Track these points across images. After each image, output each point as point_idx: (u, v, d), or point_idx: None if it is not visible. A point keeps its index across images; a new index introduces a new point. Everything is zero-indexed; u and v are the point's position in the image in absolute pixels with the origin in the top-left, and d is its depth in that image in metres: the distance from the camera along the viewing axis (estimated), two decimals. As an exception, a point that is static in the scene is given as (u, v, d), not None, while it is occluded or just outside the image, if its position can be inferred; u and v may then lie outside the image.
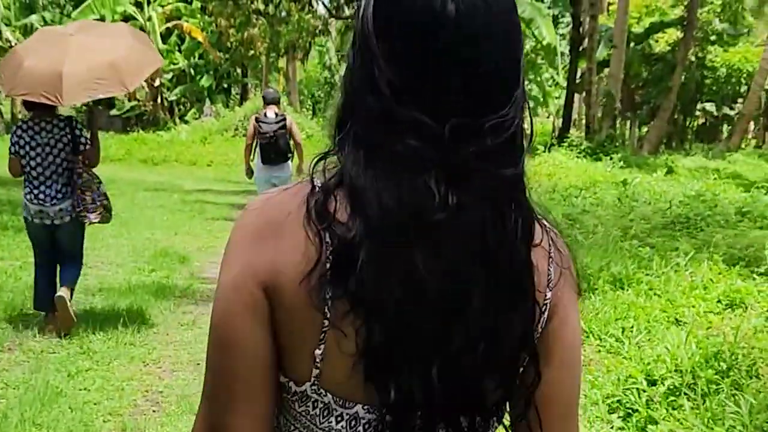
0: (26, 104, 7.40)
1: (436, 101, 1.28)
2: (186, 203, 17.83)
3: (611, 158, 24.68)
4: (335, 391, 1.37)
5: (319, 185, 1.35)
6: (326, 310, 1.30)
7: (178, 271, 10.54)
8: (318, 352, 1.33)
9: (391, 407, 1.32)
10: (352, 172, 1.31)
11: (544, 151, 26.13)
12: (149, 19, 37.79)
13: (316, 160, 1.39)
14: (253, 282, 1.34)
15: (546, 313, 1.41)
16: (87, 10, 35.58)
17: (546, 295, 1.41)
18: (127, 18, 37.60)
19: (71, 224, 7.38)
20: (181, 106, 43.09)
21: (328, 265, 1.29)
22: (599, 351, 6.88)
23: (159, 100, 38.64)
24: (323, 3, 35.08)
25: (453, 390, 1.32)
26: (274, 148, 11.44)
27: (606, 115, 32.02)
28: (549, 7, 37.89)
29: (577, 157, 25.70)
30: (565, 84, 38.05)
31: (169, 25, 39.22)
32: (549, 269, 1.42)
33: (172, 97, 41.37)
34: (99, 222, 7.54)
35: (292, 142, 11.64)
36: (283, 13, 36.46)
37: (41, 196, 7.20)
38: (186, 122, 38.46)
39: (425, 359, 1.30)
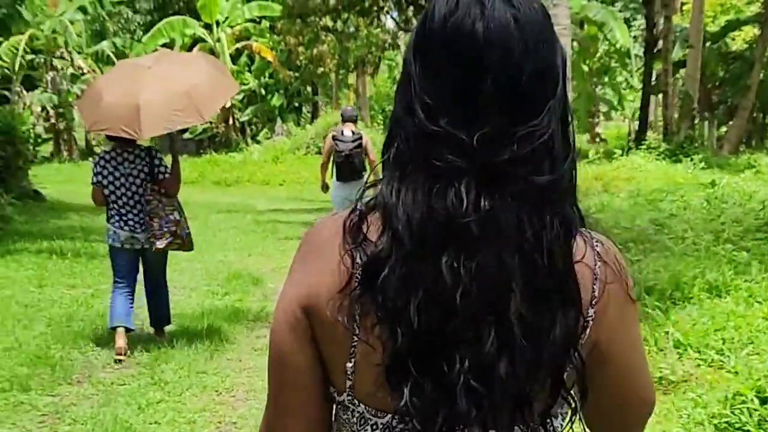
0: (108, 135, 7.64)
1: (468, 115, 1.31)
2: (259, 224, 17.62)
3: (692, 159, 23.97)
4: (367, 402, 1.43)
5: (359, 208, 1.41)
6: (355, 326, 1.37)
7: (251, 293, 10.28)
8: (349, 365, 1.42)
9: (411, 415, 1.33)
10: (385, 192, 1.35)
11: (622, 155, 25.60)
12: (218, 40, 37.89)
13: (365, 187, 1.46)
14: (296, 303, 1.44)
15: (589, 330, 1.42)
16: (157, 34, 35.96)
17: (588, 312, 1.41)
18: (196, 40, 37.89)
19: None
20: (253, 126, 43.17)
21: (357, 283, 1.35)
22: (699, 365, 6.40)
23: (231, 122, 38.69)
24: (392, 17, 34.84)
25: (483, 399, 1.31)
26: (349, 166, 11.50)
27: (684, 116, 31.17)
28: (620, 11, 37.27)
29: (656, 159, 25.10)
30: (639, 86, 37.33)
31: (239, 45, 39.30)
32: (593, 286, 1.42)
33: (244, 118, 41.45)
34: (169, 248, 7.54)
35: (367, 160, 11.60)
36: (352, 29, 36.42)
37: (131, 223, 7.41)
38: (258, 142, 38.48)
39: (449, 365, 1.30)
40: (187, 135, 38.63)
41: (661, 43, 31.45)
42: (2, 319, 8.59)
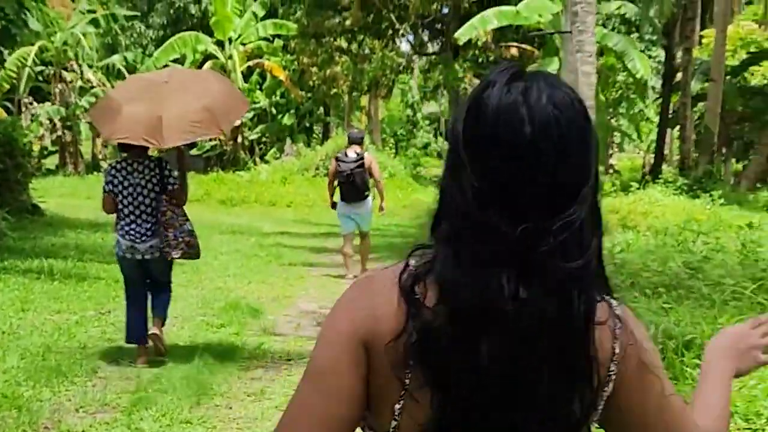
0: (121, 146, 7.84)
1: (511, 207, 1.45)
2: (263, 247, 16.79)
3: (711, 195, 23.35)
4: None
5: (413, 268, 1.54)
6: (406, 375, 1.49)
7: (248, 326, 9.52)
8: (397, 406, 1.52)
9: None
10: (441, 267, 1.49)
11: (639, 188, 25.01)
12: (230, 57, 37.33)
13: (413, 249, 1.60)
14: (356, 337, 1.53)
15: (611, 385, 1.57)
16: (169, 49, 35.47)
17: (610, 368, 1.56)
18: (208, 57, 37.39)
19: (160, 259, 7.70)
20: (262, 146, 42.48)
21: (413, 339, 1.47)
22: (746, 435, 5.62)
23: (239, 140, 38.03)
24: (407, 40, 34.40)
25: None
26: (351, 185, 12.24)
27: (703, 151, 30.57)
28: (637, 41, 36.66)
29: (674, 194, 24.53)
30: (654, 118, 36.67)
31: (251, 63, 38.70)
32: (614, 346, 1.56)
33: (253, 137, 40.79)
34: (182, 258, 7.82)
35: (372, 180, 12.23)
36: (366, 51, 35.94)
37: (132, 233, 7.57)
38: (266, 162, 37.78)
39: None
40: (194, 151, 38.06)
41: (680, 75, 30.91)
42: (-28, 349, 7.83)
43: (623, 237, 12.37)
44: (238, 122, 34.95)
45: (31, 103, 37.84)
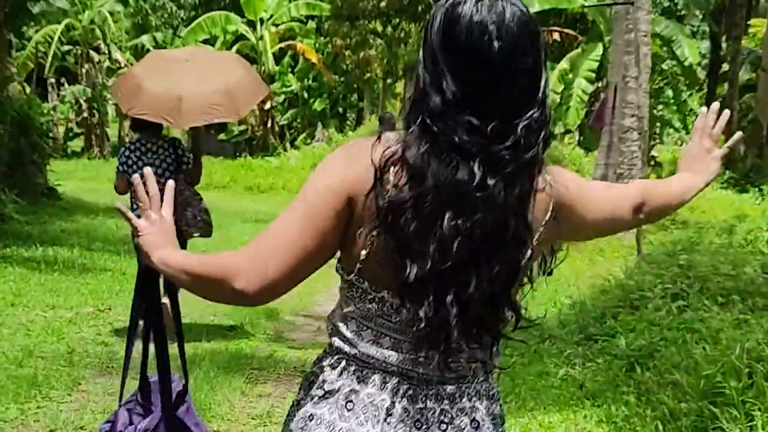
0: (134, 125, 8.01)
1: (483, 108, 1.79)
2: (286, 238, 15.70)
3: (760, 189, 22.25)
4: (370, 281, 1.91)
5: (388, 149, 1.85)
6: (374, 233, 1.84)
7: (262, 328, 8.50)
8: (363, 252, 1.88)
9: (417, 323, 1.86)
10: (416, 153, 1.80)
11: (684, 182, 23.80)
12: (261, 38, 36.31)
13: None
14: (342, 191, 1.85)
15: (553, 213, 1.98)
16: (198, 29, 34.50)
17: (550, 206, 1.97)
18: (238, 38, 36.40)
19: (179, 238, 6.73)
20: (293, 131, 41.52)
21: (380, 212, 1.81)
22: None
23: (269, 125, 37.04)
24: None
25: (454, 323, 1.84)
26: None
27: (751, 143, 29.25)
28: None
29: (721, 187, 23.40)
30: (698, 110, 35.37)
31: (282, 45, 37.69)
32: (549, 203, 1.97)
33: (284, 121, 39.85)
34: (200, 236, 7.82)
35: None
36: (402, 34, 34.95)
37: None
38: (296, 147, 36.78)
39: (441, 296, 1.83)
40: (222, 136, 37.23)
41: (726, 65, 29.64)
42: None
43: (684, 235, 11.23)
44: (267, 106, 34.07)
45: (61, 84, 37.16)
